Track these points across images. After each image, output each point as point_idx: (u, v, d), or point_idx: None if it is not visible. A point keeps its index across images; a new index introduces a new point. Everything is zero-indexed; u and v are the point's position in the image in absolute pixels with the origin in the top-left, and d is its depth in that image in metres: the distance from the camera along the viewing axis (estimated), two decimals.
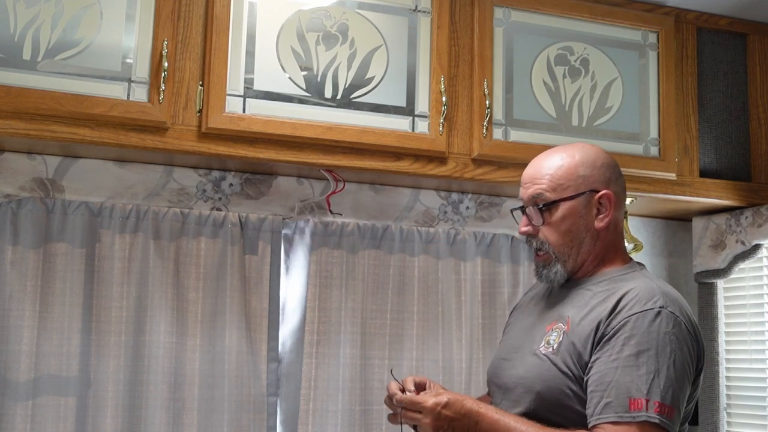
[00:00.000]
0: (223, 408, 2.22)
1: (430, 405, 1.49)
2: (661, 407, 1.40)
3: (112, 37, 2.04)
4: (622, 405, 1.40)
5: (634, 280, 1.57)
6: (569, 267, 1.63)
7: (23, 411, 2.06)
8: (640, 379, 1.41)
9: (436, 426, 1.49)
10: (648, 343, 1.44)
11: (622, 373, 1.43)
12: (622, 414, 1.40)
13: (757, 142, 2.68)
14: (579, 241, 1.61)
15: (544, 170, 1.64)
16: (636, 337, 1.45)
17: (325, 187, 2.44)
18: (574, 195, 1.61)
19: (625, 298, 1.51)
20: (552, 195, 1.61)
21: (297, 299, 2.39)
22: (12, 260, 2.10)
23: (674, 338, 1.45)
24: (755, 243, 2.61)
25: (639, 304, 1.48)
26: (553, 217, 1.61)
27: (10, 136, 1.96)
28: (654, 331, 1.45)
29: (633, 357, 1.43)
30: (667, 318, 1.46)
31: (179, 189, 2.32)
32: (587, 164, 1.63)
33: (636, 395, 1.40)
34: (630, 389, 1.41)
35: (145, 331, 2.18)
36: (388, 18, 2.29)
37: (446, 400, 1.49)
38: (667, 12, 2.60)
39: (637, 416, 1.39)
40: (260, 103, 2.14)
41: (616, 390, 1.42)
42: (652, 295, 1.50)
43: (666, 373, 1.42)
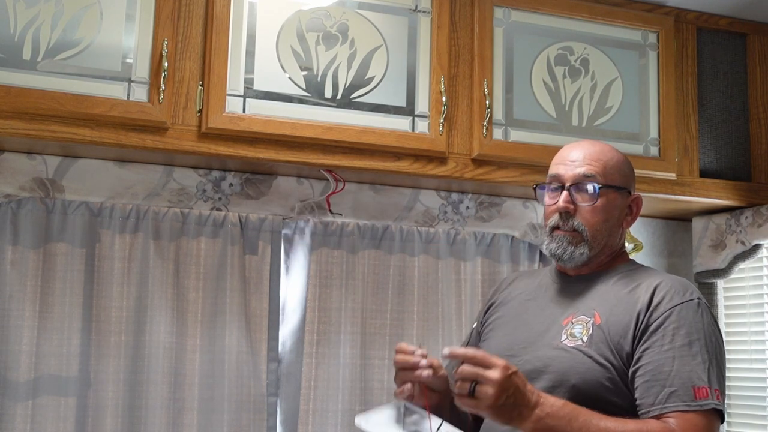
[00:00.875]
0: (223, 408, 2.22)
1: (501, 363, 1.34)
2: (719, 394, 1.46)
3: (112, 37, 2.04)
4: (688, 394, 1.43)
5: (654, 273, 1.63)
6: (592, 253, 1.62)
7: (23, 411, 2.06)
8: (699, 367, 1.45)
9: (501, 390, 1.33)
10: (697, 333, 1.48)
11: (680, 363, 1.46)
12: (690, 403, 1.43)
13: (757, 142, 2.68)
14: (609, 232, 1.64)
15: (597, 155, 1.64)
16: (684, 328, 1.48)
17: (325, 187, 2.44)
18: (620, 187, 1.64)
19: (660, 290, 1.54)
20: (604, 180, 1.62)
21: (297, 299, 2.39)
22: (12, 260, 2.10)
23: (714, 329, 1.52)
24: (755, 243, 2.61)
25: (678, 296, 1.52)
26: (598, 201, 1.61)
27: (10, 136, 1.96)
28: (699, 322, 1.50)
29: (687, 347, 1.47)
30: (705, 309, 1.53)
31: (179, 189, 2.32)
32: (628, 165, 1.69)
33: (699, 383, 1.44)
34: (692, 378, 1.44)
35: (145, 331, 2.18)
36: (388, 18, 2.29)
37: (515, 369, 1.37)
38: (667, 12, 2.60)
39: (705, 404, 1.43)
40: (260, 103, 2.14)
41: (679, 379, 1.44)
42: (687, 287, 1.55)
43: (717, 361, 1.49)
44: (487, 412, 1.35)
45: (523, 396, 1.36)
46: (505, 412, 1.35)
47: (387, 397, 2.37)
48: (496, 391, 1.33)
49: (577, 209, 1.61)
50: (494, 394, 1.33)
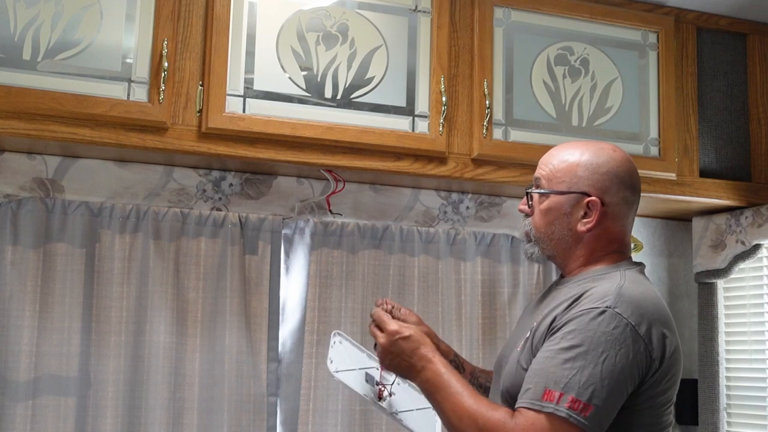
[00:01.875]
0: (223, 408, 2.22)
1: (391, 329, 1.61)
2: (574, 403, 1.39)
3: (112, 37, 2.04)
4: (537, 394, 1.42)
5: (605, 279, 1.56)
6: (547, 254, 1.67)
7: (23, 411, 2.06)
8: (563, 372, 1.42)
9: (386, 351, 1.61)
10: (582, 339, 1.44)
11: (548, 363, 1.44)
12: (534, 401, 1.42)
13: (757, 142, 2.68)
14: (559, 237, 1.63)
15: (551, 159, 1.67)
16: (573, 333, 1.45)
17: (325, 187, 2.44)
18: (563, 191, 1.62)
19: (584, 296, 1.51)
20: (546, 184, 1.65)
21: (297, 299, 2.39)
22: (12, 260, 2.10)
23: (611, 338, 1.43)
24: (755, 243, 2.61)
25: (589, 303, 1.48)
26: (542, 205, 1.64)
27: (10, 136, 1.96)
28: (591, 329, 1.44)
29: (564, 350, 1.44)
30: (610, 318, 1.45)
31: (179, 189, 2.32)
32: (590, 167, 1.62)
33: (553, 387, 1.41)
34: (549, 380, 1.42)
35: (145, 331, 2.18)
36: (388, 18, 2.29)
37: (408, 333, 1.60)
38: (667, 12, 2.60)
39: (545, 407, 1.40)
40: (260, 103, 2.14)
41: (538, 378, 1.44)
42: (606, 294, 1.49)
43: (591, 371, 1.41)
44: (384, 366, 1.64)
45: (409, 360, 1.58)
46: (394, 369, 1.63)
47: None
48: (381, 352, 1.62)
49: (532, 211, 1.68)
50: (380, 354, 1.63)
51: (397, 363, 1.60)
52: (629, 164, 1.66)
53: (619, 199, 1.62)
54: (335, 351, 1.76)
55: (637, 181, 1.67)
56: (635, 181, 1.66)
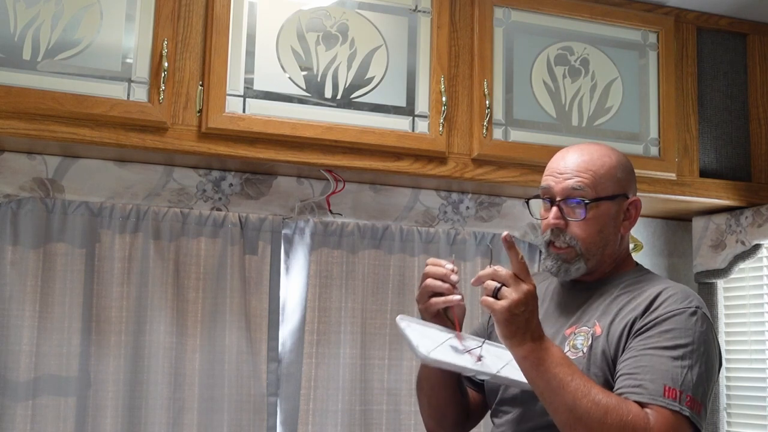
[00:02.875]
0: (223, 408, 2.22)
1: (533, 286, 1.39)
2: (692, 402, 1.40)
3: (112, 37, 2.04)
4: (657, 390, 1.39)
5: (658, 282, 1.58)
6: (590, 266, 1.58)
7: (23, 411, 2.06)
8: (676, 370, 1.41)
9: (522, 300, 1.36)
10: (686, 338, 1.44)
11: (658, 360, 1.42)
12: (656, 397, 1.39)
13: (757, 142, 2.68)
14: (605, 242, 1.58)
15: (586, 164, 1.58)
16: (674, 332, 1.44)
17: (325, 187, 2.44)
18: (612, 196, 1.58)
19: (660, 297, 1.50)
20: (593, 192, 1.56)
21: (297, 299, 2.39)
22: (12, 260, 2.10)
23: (708, 338, 1.47)
24: (755, 243, 2.61)
25: (676, 303, 1.48)
26: (589, 214, 1.56)
27: (10, 136, 1.96)
28: (691, 329, 1.45)
29: (670, 349, 1.43)
30: (703, 318, 1.48)
31: (179, 189, 2.32)
32: (623, 168, 1.62)
33: (671, 384, 1.40)
34: (665, 377, 1.40)
35: (145, 331, 2.18)
36: (388, 18, 2.29)
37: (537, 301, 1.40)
38: (667, 12, 2.60)
39: (669, 405, 1.38)
40: (260, 103, 2.14)
41: (652, 374, 1.41)
42: (688, 295, 1.51)
43: (699, 370, 1.43)
44: (501, 315, 1.36)
45: (535, 322, 1.38)
46: (513, 323, 1.36)
47: (387, 397, 2.37)
48: (518, 298, 1.36)
49: (568, 224, 1.57)
50: (515, 300, 1.35)
51: (527, 318, 1.37)
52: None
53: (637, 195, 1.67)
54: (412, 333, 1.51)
55: None
56: None
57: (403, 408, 2.37)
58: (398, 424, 2.37)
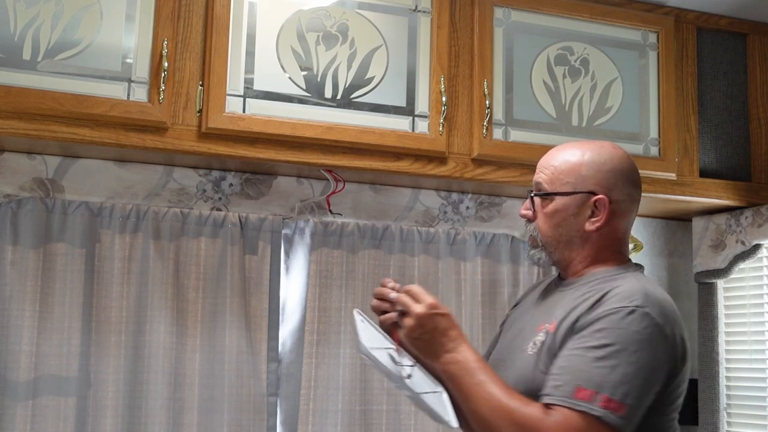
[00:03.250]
0: (223, 408, 2.22)
1: (431, 302, 1.49)
2: (608, 402, 1.38)
3: (112, 37, 2.04)
4: (569, 391, 1.40)
5: (623, 279, 1.55)
6: (555, 258, 1.63)
7: (23, 411, 2.06)
8: (596, 371, 1.41)
9: (419, 325, 1.48)
10: (614, 338, 1.43)
11: (578, 361, 1.43)
12: (566, 399, 1.40)
13: (757, 142, 2.68)
14: (567, 238, 1.61)
15: (551, 161, 1.65)
16: (604, 332, 1.44)
17: (325, 187, 2.44)
18: (569, 192, 1.60)
19: (607, 296, 1.50)
20: (549, 187, 1.62)
21: (297, 299, 2.39)
22: (12, 260, 2.10)
23: (643, 338, 1.43)
24: (755, 243, 2.61)
25: (616, 302, 1.47)
26: (546, 208, 1.62)
27: (10, 136, 1.96)
28: (623, 328, 1.43)
29: (595, 349, 1.43)
30: (641, 317, 1.45)
31: (179, 189, 2.32)
32: (593, 165, 1.61)
33: (585, 385, 1.40)
34: (581, 378, 1.41)
35: (145, 331, 2.18)
36: (388, 18, 2.29)
37: (446, 311, 1.50)
38: (667, 12, 2.60)
39: (577, 405, 1.39)
40: (260, 103, 2.14)
41: (568, 375, 1.42)
42: (632, 294, 1.48)
43: (624, 370, 1.41)
44: (406, 341, 1.51)
45: (441, 337, 1.49)
46: (419, 345, 1.50)
47: (387, 397, 2.37)
48: (414, 324, 1.48)
49: (536, 216, 1.64)
50: (412, 326, 1.48)
51: (427, 339, 1.48)
52: (631, 161, 1.66)
53: (624, 196, 1.62)
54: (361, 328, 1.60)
55: (639, 177, 1.67)
56: (637, 177, 1.66)
57: (403, 408, 2.37)
58: (398, 424, 2.37)
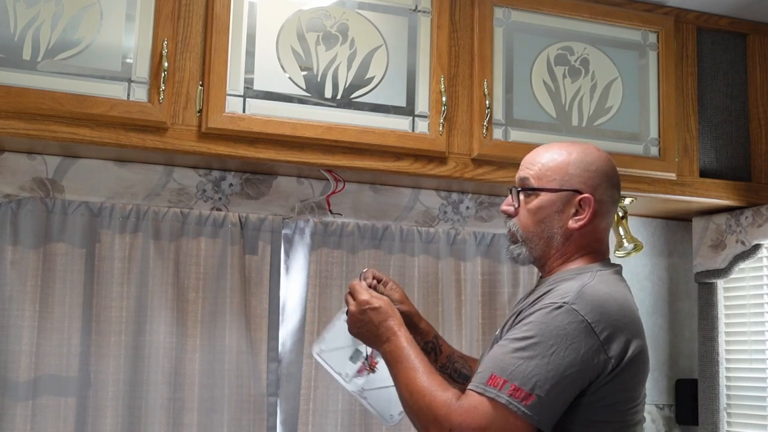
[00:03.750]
0: (223, 408, 2.22)
1: (361, 299, 1.67)
2: (515, 391, 1.41)
3: (112, 37, 2.04)
4: (484, 378, 1.44)
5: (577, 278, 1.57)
6: (535, 254, 1.66)
7: (23, 411, 2.06)
8: (510, 360, 1.44)
9: (355, 319, 1.66)
10: (535, 331, 1.46)
11: (500, 351, 1.47)
12: (478, 384, 1.44)
13: (757, 142, 2.68)
14: (549, 234, 1.63)
15: (538, 158, 1.67)
16: (529, 325, 1.47)
17: (325, 187, 2.44)
18: (555, 189, 1.63)
19: (549, 293, 1.54)
20: (535, 183, 1.64)
21: (297, 299, 2.40)
22: (12, 260, 2.10)
23: (563, 333, 1.44)
24: (755, 243, 2.61)
25: (551, 298, 1.50)
26: (531, 204, 1.64)
27: (10, 136, 1.96)
28: (546, 323, 1.46)
29: (516, 340, 1.46)
30: (566, 313, 1.46)
31: (179, 189, 2.32)
32: (580, 165, 1.64)
33: (498, 374, 1.43)
34: (496, 367, 1.44)
35: (145, 331, 2.18)
36: (388, 18, 2.29)
37: (378, 305, 1.65)
38: (667, 12, 2.60)
39: (488, 391, 1.42)
40: (260, 103, 2.14)
41: (488, 364, 1.47)
42: (567, 291, 1.50)
43: (539, 361, 1.43)
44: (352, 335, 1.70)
45: (376, 330, 1.63)
46: (361, 337, 1.68)
47: None
48: (350, 320, 1.68)
49: (518, 211, 1.67)
50: (349, 322, 1.69)
51: (364, 332, 1.65)
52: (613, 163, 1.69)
53: (607, 197, 1.65)
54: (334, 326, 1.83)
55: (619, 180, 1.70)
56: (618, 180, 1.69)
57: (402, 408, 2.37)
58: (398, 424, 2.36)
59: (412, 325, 1.82)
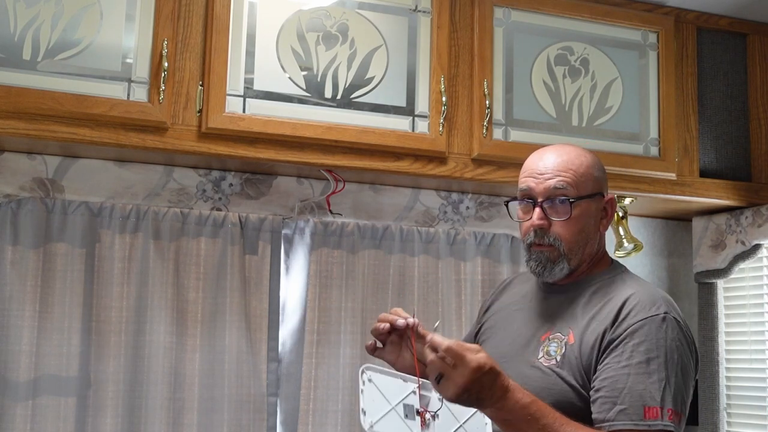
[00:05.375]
0: (223, 408, 2.22)
1: (474, 365, 1.30)
2: (673, 414, 1.41)
3: (112, 37, 2.04)
4: (638, 413, 1.40)
5: (628, 284, 1.57)
6: (572, 265, 1.58)
7: (23, 411, 2.06)
8: (653, 386, 1.42)
9: (463, 389, 1.30)
10: (657, 350, 1.44)
11: (634, 380, 1.42)
12: (638, 422, 1.40)
13: (757, 142, 2.68)
14: (586, 241, 1.59)
15: (566, 164, 1.58)
16: (645, 344, 1.44)
17: (325, 187, 2.44)
18: (592, 194, 1.59)
19: (628, 304, 1.50)
20: (575, 191, 1.56)
21: (297, 299, 2.40)
22: (12, 260, 2.10)
23: (680, 344, 1.46)
24: (755, 243, 2.61)
25: (644, 311, 1.48)
26: (572, 213, 1.56)
27: (10, 136, 1.96)
28: (662, 338, 1.45)
29: (644, 364, 1.43)
30: (672, 324, 1.47)
31: (179, 189, 2.32)
32: (598, 167, 1.64)
33: (651, 403, 1.41)
34: (644, 397, 1.41)
35: (145, 331, 2.18)
36: (388, 18, 2.29)
37: (490, 366, 1.32)
38: (667, 12, 2.60)
39: (653, 425, 1.40)
40: (260, 103, 2.14)
41: (630, 397, 1.41)
42: (655, 300, 1.50)
43: (675, 380, 1.43)
44: (452, 402, 1.35)
45: (489, 392, 1.33)
46: (465, 403, 1.35)
47: None
48: (457, 391, 1.31)
49: (552, 224, 1.56)
50: (454, 393, 1.31)
51: (475, 398, 1.33)
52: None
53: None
54: (367, 393, 1.54)
55: None
56: None
57: None
58: None
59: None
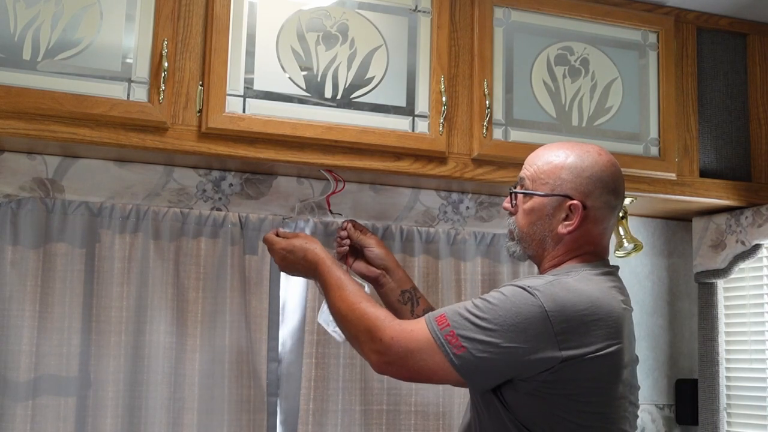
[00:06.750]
0: (223, 408, 2.22)
1: (277, 247, 1.89)
2: (453, 338, 1.49)
3: (112, 37, 2.04)
4: (436, 314, 1.55)
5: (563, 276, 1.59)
6: (529, 253, 1.71)
7: (23, 411, 2.06)
8: (465, 314, 1.52)
9: (280, 264, 1.91)
10: (496, 300, 1.51)
11: (465, 302, 1.56)
12: (429, 316, 1.55)
13: (757, 142, 2.68)
14: (540, 237, 1.67)
15: (536, 160, 1.71)
16: (494, 293, 1.54)
17: (325, 187, 2.44)
18: (546, 193, 1.65)
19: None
20: (529, 185, 1.68)
21: (297, 299, 2.40)
22: (12, 260, 2.10)
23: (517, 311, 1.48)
24: (755, 243, 2.61)
25: (522, 282, 1.56)
26: (525, 205, 1.68)
27: (10, 136, 1.96)
28: (507, 296, 1.51)
29: (480, 299, 1.54)
30: (527, 297, 1.50)
31: (179, 189, 2.32)
32: (574, 170, 1.64)
33: (449, 317, 1.52)
34: (451, 312, 1.53)
35: (145, 331, 2.18)
36: (388, 18, 2.29)
37: (292, 247, 1.85)
38: (667, 12, 2.60)
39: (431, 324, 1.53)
40: (260, 103, 2.14)
41: (448, 306, 1.58)
42: (541, 283, 1.54)
43: (485, 325, 1.49)
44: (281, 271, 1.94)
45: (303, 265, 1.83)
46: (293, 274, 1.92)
47: (387, 397, 2.37)
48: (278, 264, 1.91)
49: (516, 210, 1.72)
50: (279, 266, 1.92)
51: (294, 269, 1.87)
52: (614, 168, 1.67)
53: (601, 203, 1.64)
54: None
55: (621, 185, 1.68)
56: (618, 185, 1.67)
57: (402, 408, 2.37)
58: (398, 424, 2.37)
59: (389, 271, 2.04)
